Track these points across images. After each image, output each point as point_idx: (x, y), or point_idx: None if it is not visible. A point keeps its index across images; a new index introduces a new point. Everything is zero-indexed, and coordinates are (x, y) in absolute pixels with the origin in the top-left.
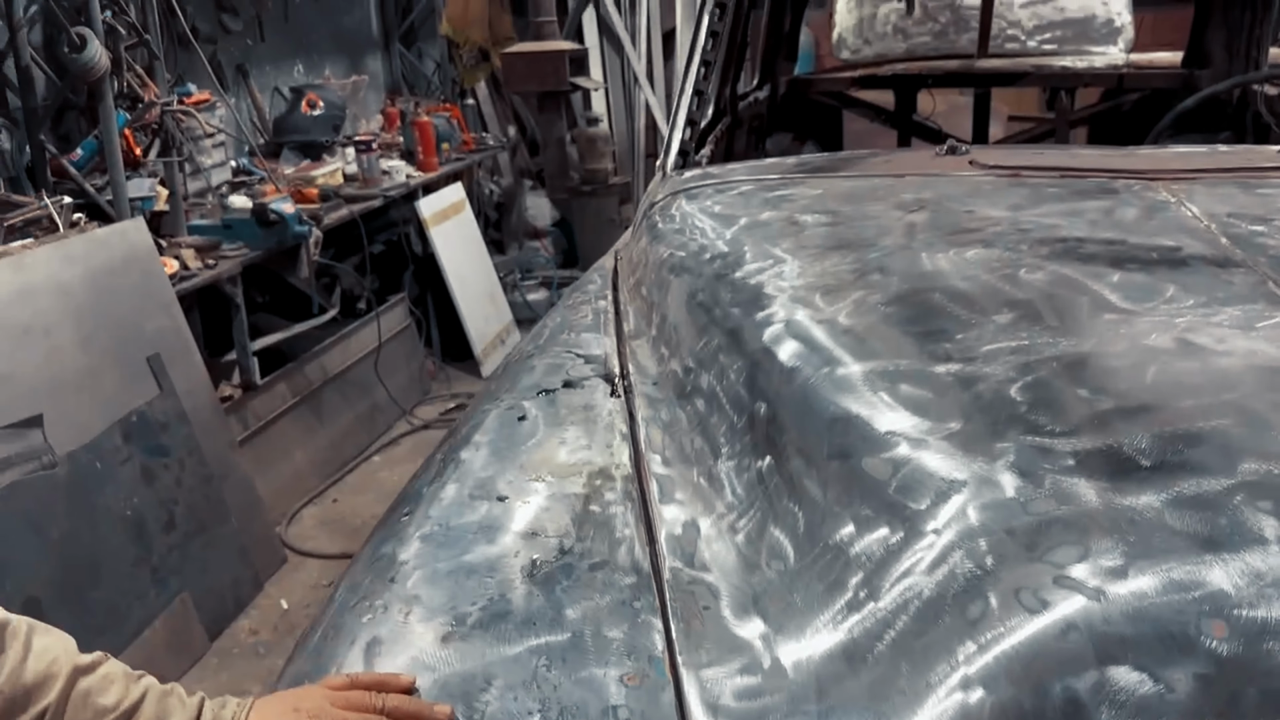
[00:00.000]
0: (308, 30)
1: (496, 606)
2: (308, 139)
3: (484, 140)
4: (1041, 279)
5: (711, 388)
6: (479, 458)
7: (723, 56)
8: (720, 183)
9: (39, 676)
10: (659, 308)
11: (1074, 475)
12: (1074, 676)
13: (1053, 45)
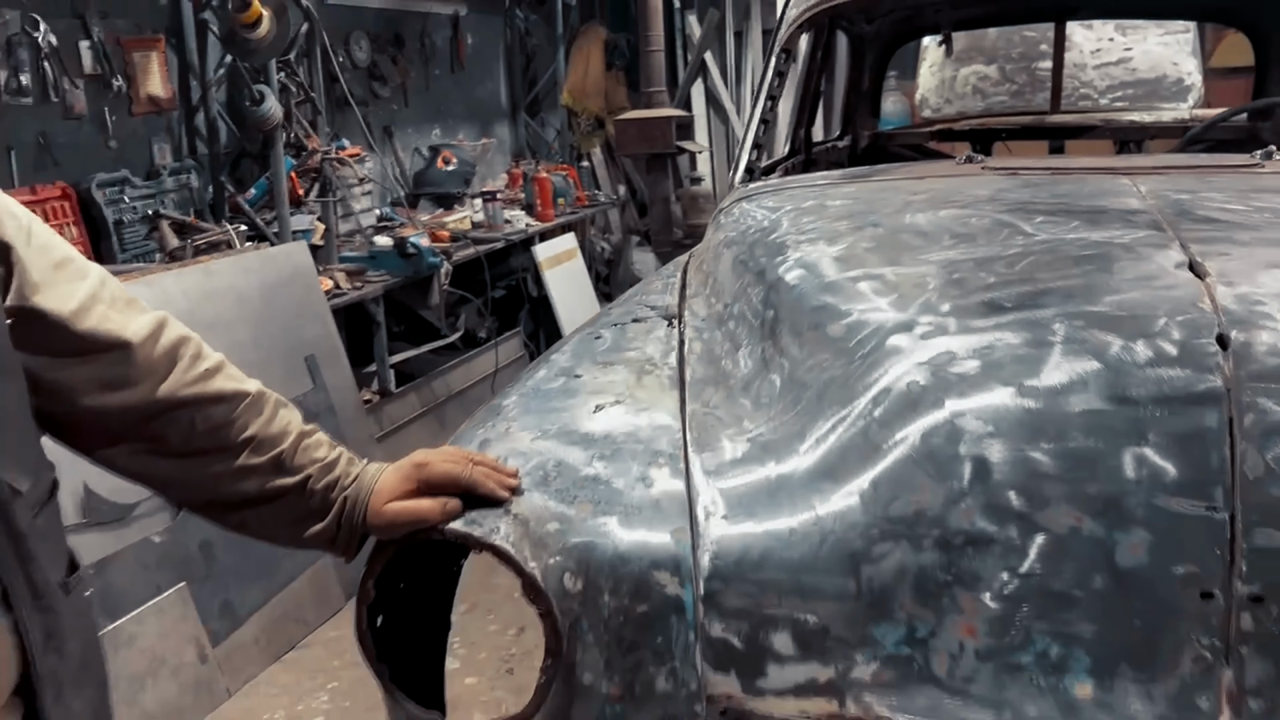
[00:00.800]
0: (445, 99)
1: (567, 425)
2: (442, 191)
3: (596, 197)
4: (984, 223)
5: (740, 311)
6: (563, 358)
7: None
8: (776, 189)
9: (280, 429)
10: (712, 274)
11: (951, 316)
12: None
13: (1124, 103)
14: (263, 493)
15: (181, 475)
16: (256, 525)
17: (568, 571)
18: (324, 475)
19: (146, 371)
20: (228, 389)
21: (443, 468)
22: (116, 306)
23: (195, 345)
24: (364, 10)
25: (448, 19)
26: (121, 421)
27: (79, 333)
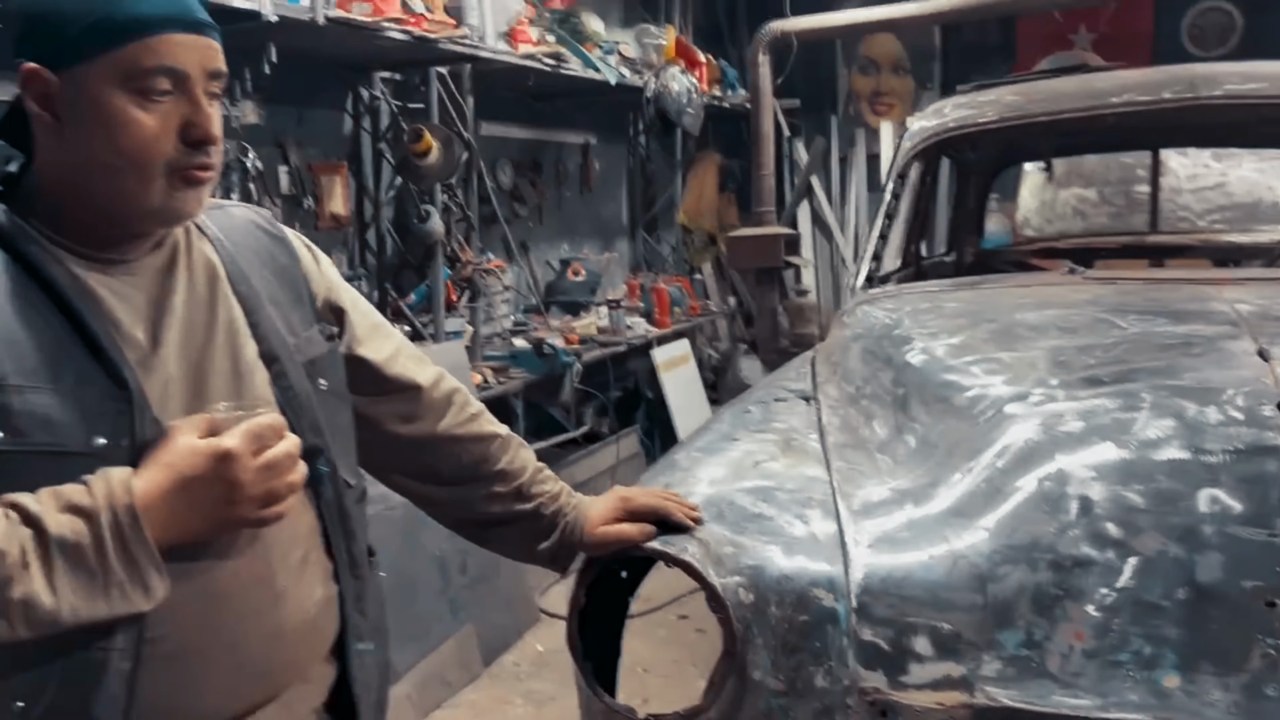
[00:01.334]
0: (574, 217)
1: (733, 476)
2: (570, 299)
3: (708, 307)
4: (1085, 319)
5: (872, 391)
6: (723, 426)
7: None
8: (894, 294)
9: (521, 465)
10: (841, 364)
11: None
12: None
13: (1222, 225)
14: (506, 515)
15: (446, 497)
16: (498, 542)
17: (741, 587)
18: (552, 504)
19: (430, 410)
20: (486, 430)
21: (643, 499)
22: (412, 359)
23: (464, 394)
24: (509, 140)
25: (579, 147)
26: (409, 449)
27: (388, 376)
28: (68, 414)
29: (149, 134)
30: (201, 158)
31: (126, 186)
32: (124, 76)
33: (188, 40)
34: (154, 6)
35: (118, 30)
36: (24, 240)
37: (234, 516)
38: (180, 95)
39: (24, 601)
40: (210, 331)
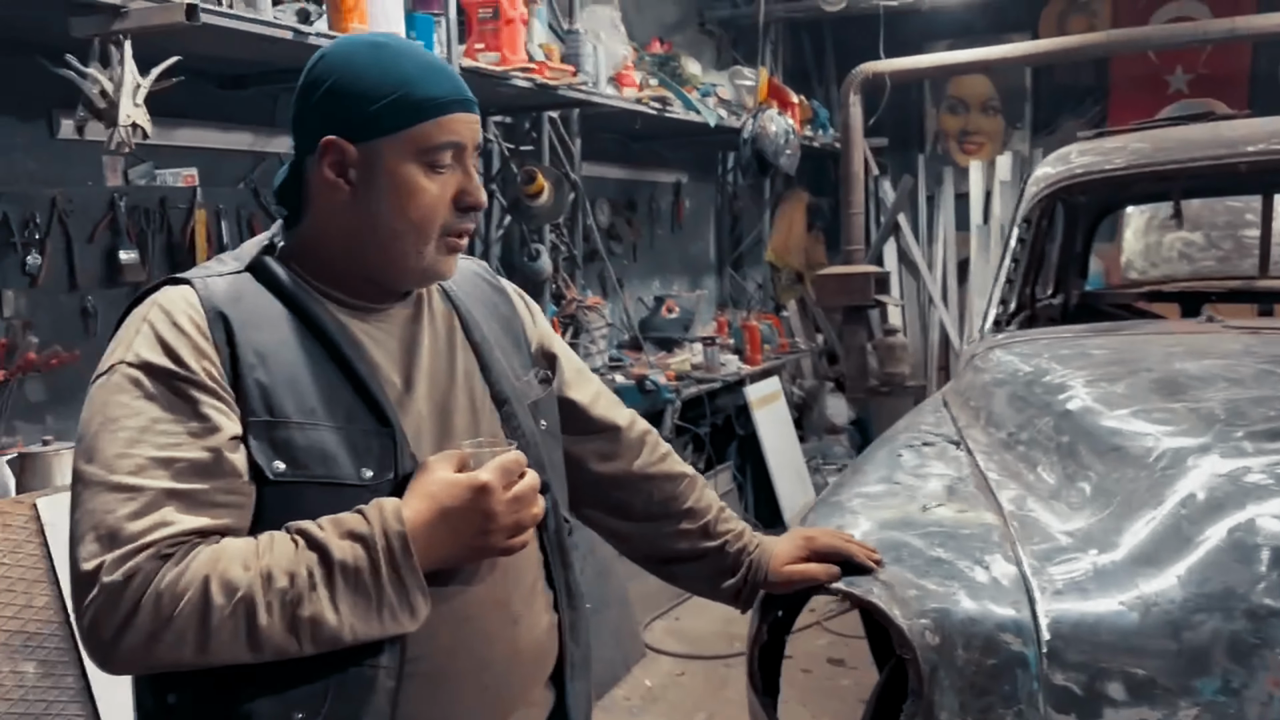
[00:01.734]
0: (664, 255)
1: (904, 520)
2: (664, 335)
3: (796, 345)
4: (1250, 371)
5: (1029, 438)
6: (876, 470)
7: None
8: (1027, 339)
9: (707, 504)
10: (984, 409)
11: (1245, 440)
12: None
13: None
14: (692, 552)
15: (636, 533)
16: (684, 577)
17: (927, 629)
18: (736, 542)
19: (627, 449)
20: (675, 470)
21: (826, 540)
22: (610, 401)
23: (655, 435)
24: (607, 179)
25: (671, 186)
26: (605, 486)
27: (593, 417)
28: (340, 449)
29: (433, 201)
30: (469, 223)
31: (405, 248)
32: (418, 150)
33: (466, 118)
34: (444, 89)
35: (415, 109)
36: (301, 292)
37: (486, 545)
38: (456, 166)
39: (312, 620)
40: (451, 374)
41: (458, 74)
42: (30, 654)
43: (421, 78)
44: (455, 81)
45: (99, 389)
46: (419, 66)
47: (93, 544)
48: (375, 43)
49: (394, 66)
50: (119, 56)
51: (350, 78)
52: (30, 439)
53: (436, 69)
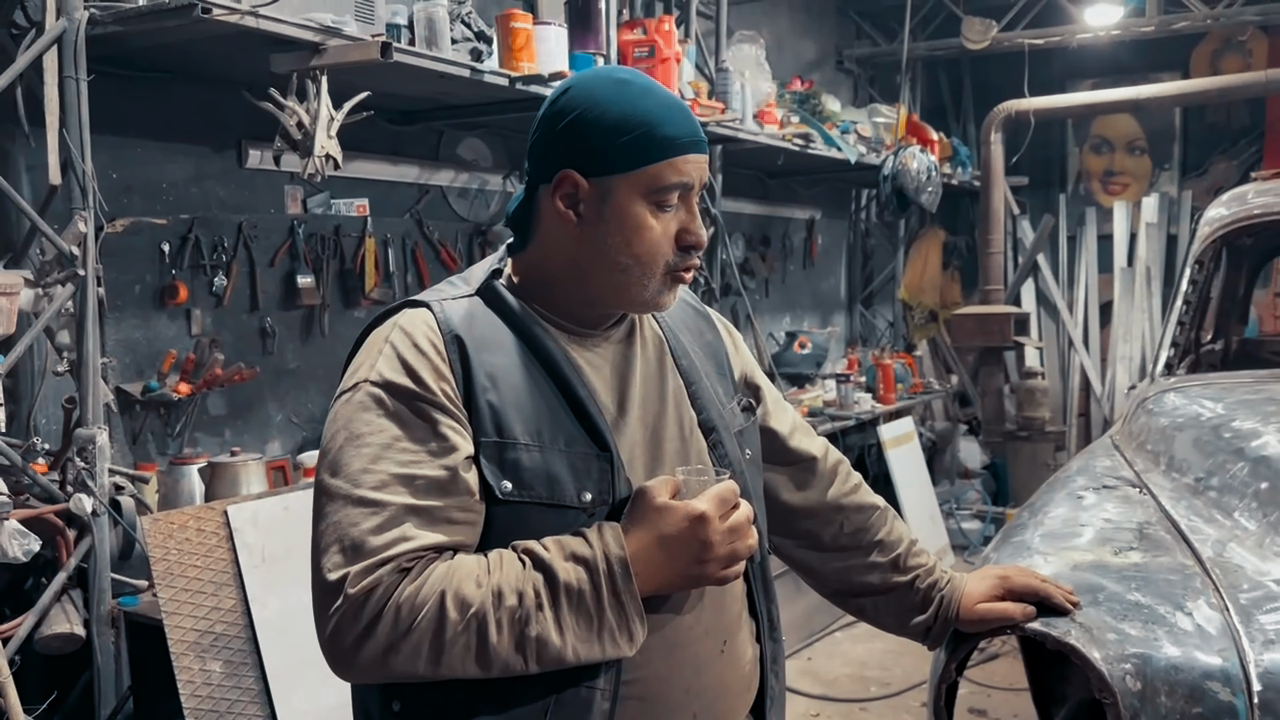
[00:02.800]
0: (795, 291)
1: (1096, 562)
2: (796, 371)
3: (930, 385)
4: None
5: (1220, 483)
6: (1058, 511)
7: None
8: (1202, 383)
9: (897, 537)
10: (1164, 453)
11: None
12: None
13: None
14: (882, 585)
15: (824, 565)
16: (872, 612)
17: (1129, 674)
18: (927, 577)
19: (820, 479)
20: (866, 501)
21: (1022, 580)
22: (805, 431)
23: (847, 465)
24: (742, 215)
25: (804, 222)
26: (797, 516)
27: (790, 447)
28: (563, 471)
29: (658, 239)
30: (692, 260)
31: (630, 280)
32: (648, 189)
33: (697, 159)
34: (680, 129)
35: (652, 149)
36: (526, 317)
37: (701, 574)
38: (681, 206)
39: (538, 640)
40: (662, 400)
41: (692, 113)
42: (217, 654)
43: (662, 118)
44: (692, 123)
45: (344, 405)
46: (660, 105)
47: (337, 555)
48: (620, 79)
49: (638, 104)
50: (315, 91)
51: (595, 113)
52: (211, 450)
53: (675, 109)
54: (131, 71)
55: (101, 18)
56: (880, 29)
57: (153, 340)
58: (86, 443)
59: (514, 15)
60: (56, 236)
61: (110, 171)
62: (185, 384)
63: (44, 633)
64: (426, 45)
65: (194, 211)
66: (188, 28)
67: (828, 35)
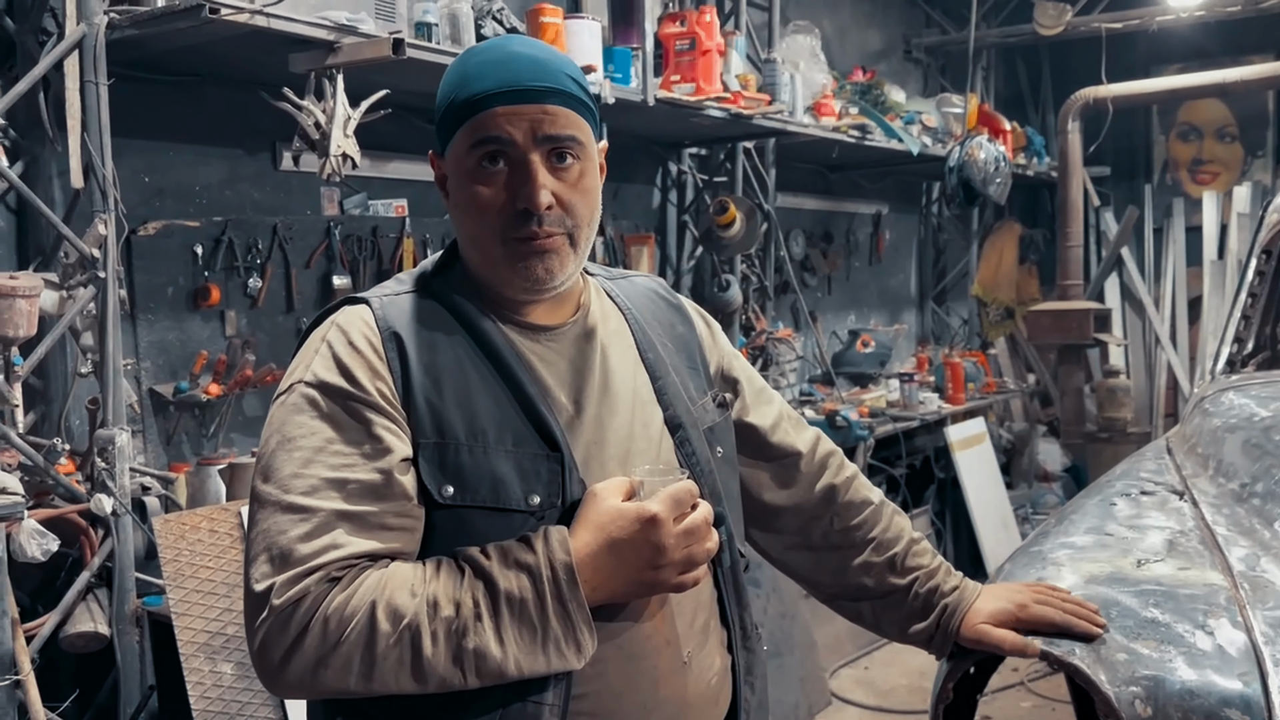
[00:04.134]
0: (861, 288)
1: (1116, 575)
2: (858, 371)
3: (1004, 385)
4: None
5: (1265, 489)
6: (1086, 519)
7: (1264, 299)
8: (1264, 382)
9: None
10: (1213, 457)
11: None
12: None
13: None
14: (877, 588)
15: (816, 566)
16: (870, 617)
17: (1138, 699)
18: (927, 580)
19: (807, 475)
20: (859, 496)
21: (1039, 611)
22: (791, 423)
23: (839, 457)
24: (802, 210)
25: (870, 217)
26: (783, 514)
27: (772, 442)
28: (509, 474)
29: (483, 204)
30: (529, 227)
31: (483, 256)
32: (465, 153)
33: (512, 110)
34: (489, 83)
35: (461, 110)
36: (474, 311)
37: (656, 580)
38: (520, 166)
39: (476, 652)
40: (623, 397)
41: (535, 62)
42: (229, 655)
43: (474, 75)
44: (509, 73)
45: (278, 408)
46: (481, 62)
47: (265, 565)
48: (470, 49)
49: (458, 70)
50: (331, 90)
51: (439, 91)
52: (244, 451)
53: (496, 63)
54: (161, 75)
55: (120, 22)
56: (951, 16)
57: (186, 342)
58: (107, 443)
59: (543, 9)
60: (77, 239)
61: (143, 175)
62: (216, 385)
63: (69, 631)
64: (451, 42)
65: (227, 214)
66: (201, 29)
67: (894, 24)
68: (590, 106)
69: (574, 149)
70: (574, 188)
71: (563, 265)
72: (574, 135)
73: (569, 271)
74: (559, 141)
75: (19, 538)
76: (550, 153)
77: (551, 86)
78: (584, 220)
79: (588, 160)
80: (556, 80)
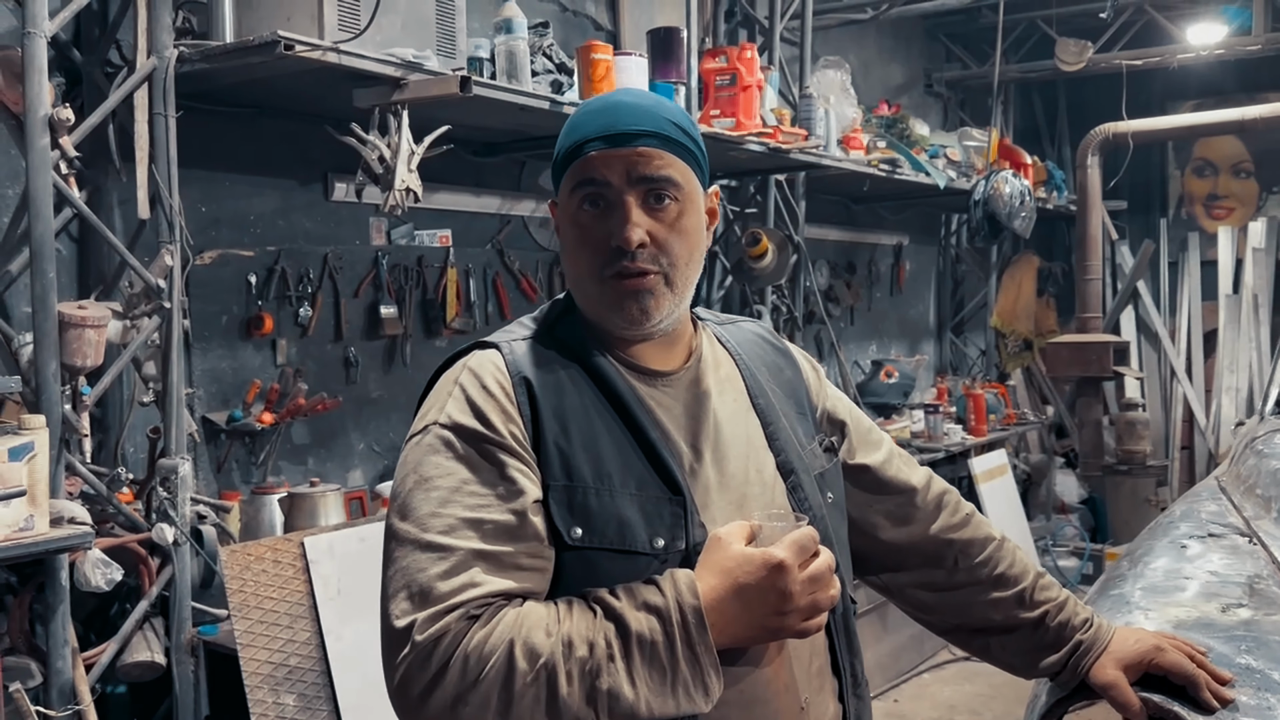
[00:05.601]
0: (882, 318)
1: (1203, 620)
2: (882, 401)
3: (1024, 416)
4: None
5: None
6: (1161, 561)
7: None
8: None
9: (1021, 570)
10: (1276, 499)
11: None
12: None
13: None
14: (1005, 622)
15: (940, 603)
16: (998, 651)
17: None
18: (1058, 614)
19: (924, 512)
20: (980, 534)
21: (1176, 659)
22: (903, 460)
23: (954, 495)
24: (826, 242)
25: (892, 248)
26: (901, 553)
27: (885, 479)
28: (634, 516)
29: (583, 242)
30: (623, 263)
31: (584, 294)
32: (569, 195)
33: (609, 155)
34: (590, 129)
35: (568, 155)
36: (596, 355)
37: (781, 626)
38: (618, 206)
39: (610, 693)
40: (737, 442)
41: (636, 108)
42: (291, 687)
43: (580, 122)
44: (610, 117)
45: (413, 448)
46: (586, 111)
47: (405, 601)
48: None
49: (571, 120)
50: (396, 125)
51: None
52: (294, 479)
53: (599, 110)
54: (220, 107)
55: (190, 55)
56: (971, 51)
57: (238, 370)
58: (169, 473)
59: (594, 47)
60: (144, 269)
61: (199, 205)
62: (269, 413)
63: (125, 660)
64: (507, 78)
65: (280, 243)
66: (272, 64)
67: (916, 59)
68: (693, 151)
69: (670, 190)
70: (670, 228)
71: (659, 305)
72: (670, 176)
73: (665, 311)
74: (654, 182)
75: (83, 567)
76: (647, 193)
77: (647, 129)
78: (680, 260)
79: (688, 202)
80: (655, 124)
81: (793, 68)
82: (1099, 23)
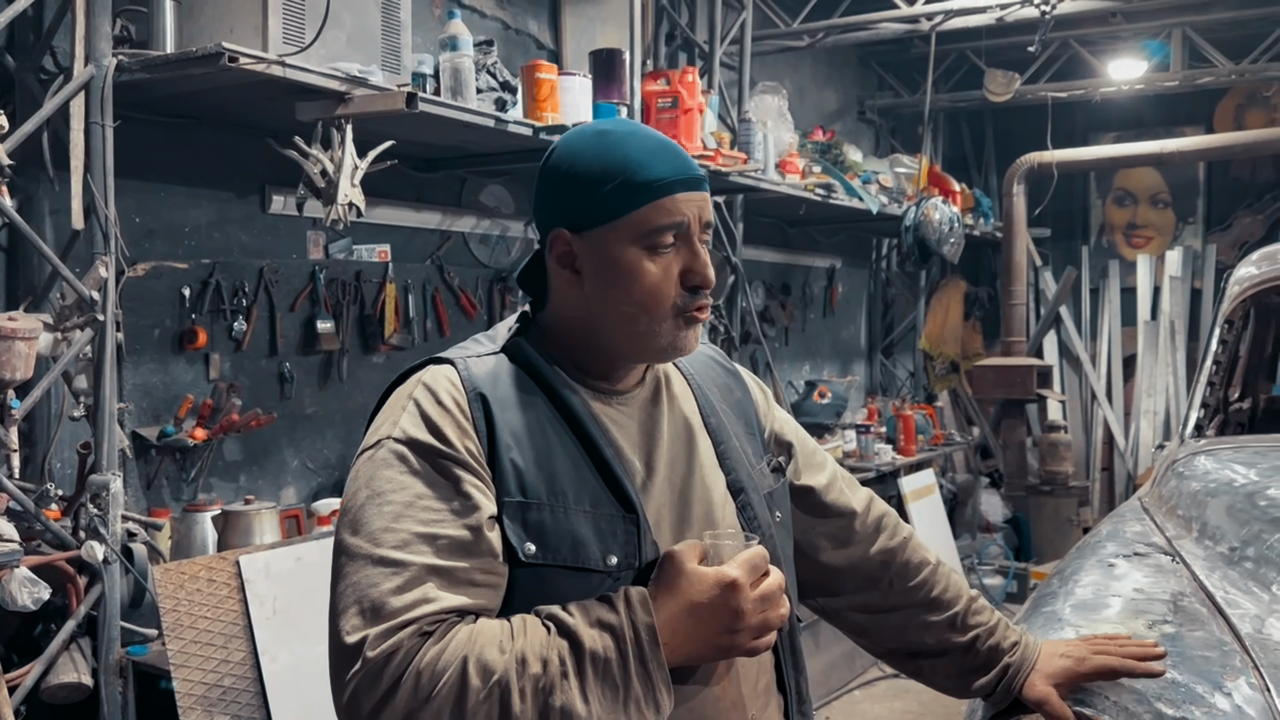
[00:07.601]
0: (815, 339)
1: (1131, 634)
2: (816, 421)
3: (951, 437)
4: None
5: (1258, 553)
6: (1089, 579)
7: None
8: (1234, 446)
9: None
10: (1196, 520)
11: None
12: None
13: None
14: (938, 646)
15: (875, 625)
16: (930, 673)
17: None
18: (988, 638)
19: (863, 535)
20: (916, 557)
21: (1099, 661)
22: (845, 482)
23: (894, 518)
24: (762, 264)
25: (824, 270)
26: (840, 575)
27: (827, 502)
28: (587, 533)
29: (657, 282)
30: (701, 300)
31: (640, 329)
32: (638, 234)
33: (689, 197)
34: (665, 170)
35: (633, 194)
36: (552, 375)
37: (732, 644)
38: (682, 245)
39: (562, 710)
40: (690, 461)
41: (683, 151)
42: (225, 708)
43: (643, 161)
44: (680, 161)
45: (366, 462)
46: (641, 149)
47: (356, 617)
48: (600, 130)
49: (617, 151)
50: (339, 139)
51: (577, 169)
52: (226, 496)
53: (660, 149)
54: (157, 117)
55: (129, 65)
56: (903, 80)
57: (170, 385)
58: (100, 489)
59: (539, 66)
60: (77, 281)
61: (134, 216)
62: (201, 429)
63: (51, 682)
64: (452, 95)
65: (216, 256)
66: (215, 76)
67: (850, 86)
68: None
69: (710, 232)
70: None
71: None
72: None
73: None
74: (710, 227)
75: (9, 586)
76: (701, 235)
77: (701, 174)
78: None
79: None
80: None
81: (731, 92)
82: (1026, 55)
